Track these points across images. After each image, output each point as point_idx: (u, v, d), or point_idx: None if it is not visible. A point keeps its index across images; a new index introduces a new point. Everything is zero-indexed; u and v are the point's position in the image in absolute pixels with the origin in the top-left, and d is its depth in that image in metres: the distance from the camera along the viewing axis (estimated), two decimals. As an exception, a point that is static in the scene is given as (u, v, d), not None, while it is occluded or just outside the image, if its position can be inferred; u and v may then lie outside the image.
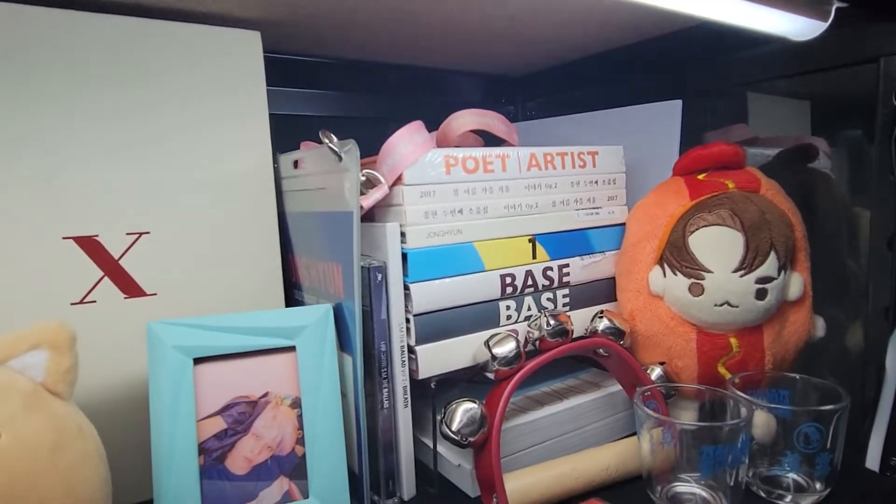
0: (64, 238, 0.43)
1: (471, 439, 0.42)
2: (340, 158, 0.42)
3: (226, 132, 0.49)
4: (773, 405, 0.43)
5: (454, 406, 0.43)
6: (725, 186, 0.51)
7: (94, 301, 0.44)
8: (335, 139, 0.43)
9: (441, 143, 0.55)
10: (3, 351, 0.33)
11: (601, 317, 0.51)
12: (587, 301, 0.54)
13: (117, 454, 0.38)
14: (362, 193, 0.43)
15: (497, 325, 0.49)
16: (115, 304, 0.45)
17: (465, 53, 0.71)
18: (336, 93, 0.70)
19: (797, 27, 0.45)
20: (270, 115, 0.51)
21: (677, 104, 0.61)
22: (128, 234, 0.45)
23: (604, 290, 0.56)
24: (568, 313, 0.53)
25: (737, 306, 0.48)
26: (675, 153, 0.60)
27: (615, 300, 0.56)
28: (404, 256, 0.44)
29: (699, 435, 0.41)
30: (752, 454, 0.44)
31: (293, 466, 0.41)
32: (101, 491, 0.34)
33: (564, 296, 0.53)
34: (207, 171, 0.48)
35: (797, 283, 0.49)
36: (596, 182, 0.54)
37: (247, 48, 0.50)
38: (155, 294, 0.46)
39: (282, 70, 0.64)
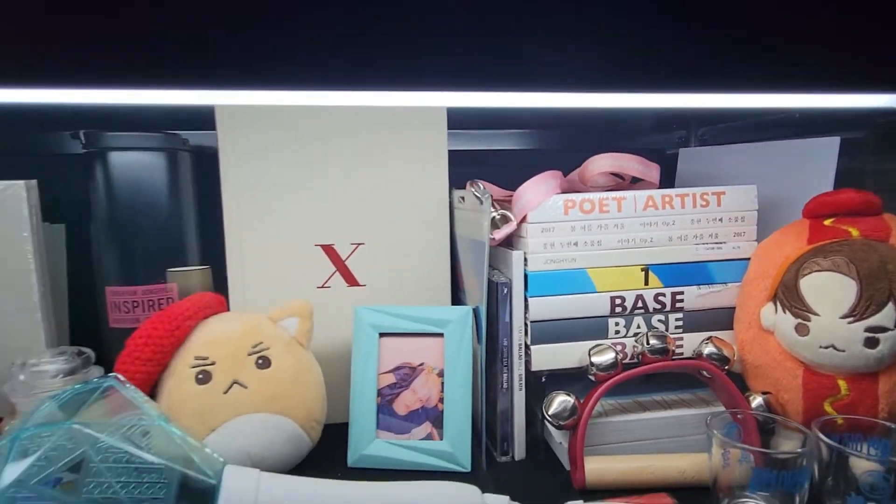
0: (315, 245, 0.68)
1: (561, 423, 0.54)
2: (482, 202, 0.57)
3: (416, 173, 0.68)
4: (850, 451, 0.46)
5: (553, 396, 0.55)
6: (848, 234, 0.52)
7: (330, 287, 0.68)
8: (481, 187, 0.58)
9: (583, 180, 0.66)
10: (276, 316, 0.58)
11: (708, 342, 0.57)
12: (703, 326, 0.60)
13: (334, 388, 0.60)
14: (497, 227, 0.58)
15: (605, 336, 0.59)
16: (342, 290, 0.68)
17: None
18: (517, 131, 0.86)
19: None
20: (458, 151, 0.69)
21: (835, 141, 0.61)
22: (351, 243, 0.68)
23: (722, 318, 0.60)
24: (682, 335, 0.60)
25: (843, 351, 0.50)
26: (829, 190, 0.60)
27: (733, 328, 0.60)
28: (526, 277, 0.58)
29: (756, 458, 0.46)
30: (825, 490, 0.47)
31: (435, 416, 0.59)
32: (320, 406, 0.57)
33: (677, 319, 0.60)
34: (404, 200, 0.68)
35: (923, 337, 0.49)
36: (720, 220, 0.59)
37: (435, 115, 0.68)
38: (365, 285, 0.69)
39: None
